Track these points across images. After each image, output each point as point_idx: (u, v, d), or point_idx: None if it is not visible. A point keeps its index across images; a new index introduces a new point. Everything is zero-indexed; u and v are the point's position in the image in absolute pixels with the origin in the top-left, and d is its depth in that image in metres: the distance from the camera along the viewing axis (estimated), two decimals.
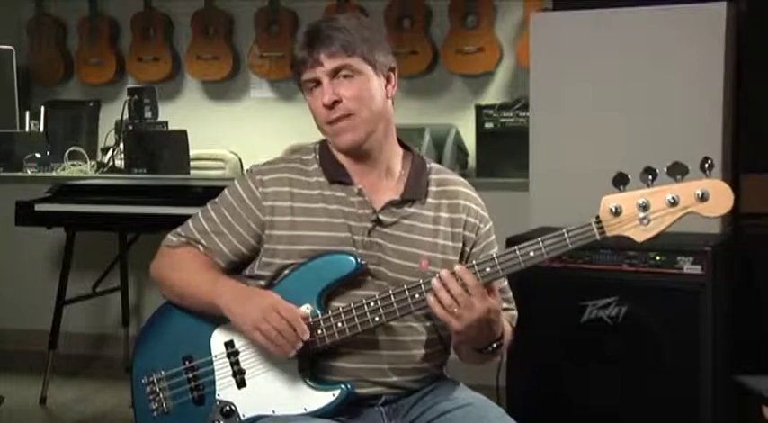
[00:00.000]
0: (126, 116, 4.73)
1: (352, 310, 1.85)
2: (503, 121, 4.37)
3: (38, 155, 4.79)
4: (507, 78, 4.90)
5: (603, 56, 3.22)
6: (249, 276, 1.99)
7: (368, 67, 1.91)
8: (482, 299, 1.78)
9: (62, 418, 3.89)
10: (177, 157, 4.69)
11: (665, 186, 1.71)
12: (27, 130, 5.23)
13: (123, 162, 4.73)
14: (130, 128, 4.73)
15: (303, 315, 1.84)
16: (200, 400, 1.95)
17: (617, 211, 1.73)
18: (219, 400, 1.93)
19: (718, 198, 1.69)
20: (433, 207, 1.98)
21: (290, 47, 4.89)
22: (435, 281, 1.78)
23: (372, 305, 1.84)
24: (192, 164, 4.78)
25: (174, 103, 5.46)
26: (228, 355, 1.94)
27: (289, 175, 1.97)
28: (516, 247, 1.79)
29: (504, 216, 2.50)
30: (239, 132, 5.31)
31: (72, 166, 4.83)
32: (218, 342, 1.95)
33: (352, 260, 1.87)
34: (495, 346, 1.89)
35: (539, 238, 1.78)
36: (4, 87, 5.14)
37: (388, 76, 1.96)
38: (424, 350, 1.95)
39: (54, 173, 4.74)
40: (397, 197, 1.96)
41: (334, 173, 1.96)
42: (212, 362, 1.95)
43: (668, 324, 2.76)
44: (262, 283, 1.95)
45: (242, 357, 1.93)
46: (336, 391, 1.87)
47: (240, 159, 5.01)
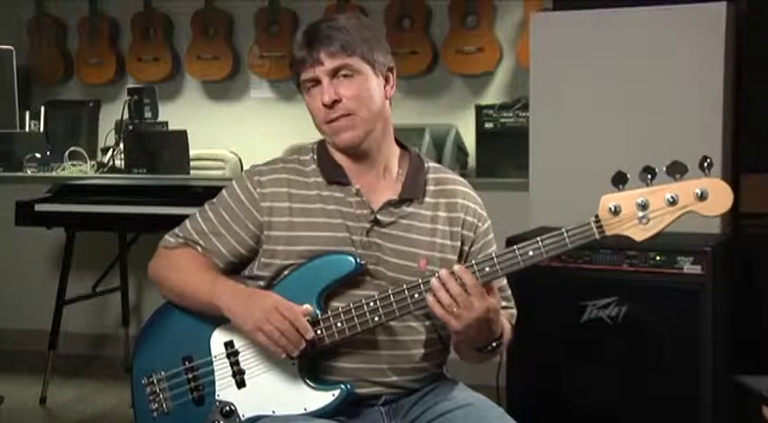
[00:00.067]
0: (126, 116, 4.73)
1: (352, 311, 1.85)
2: (503, 121, 4.37)
3: (38, 155, 4.79)
4: (507, 78, 4.90)
5: (603, 56, 3.22)
6: (249, 277, 1.98)
7: (367, 67, 1.91)
8: (481, 298, 1.77)
9: (62, 418, 3.88)
10: (177, 157, 4.68)
11: (664, 185, 1.71)
12: (27, 130, 5.23)
13: (123, 162, 4.73)
14: (130, 128, 4.73)
15: (304, 312, 1.84)
16: (199, 400, 1.95)
17: (616, 211, 1.73)
18: (219, 401, 1.93)
19: (718, 197, 1.69)
20: (432, 206, 1.97)
21: (289, 47, 4.89)
22: (434, 281, 1.78)
23: (372, 305, 1.84)
24: (192, 164, 4.78)
25: (174, 103, 5.45)
26: (228, 356, 1.94)
27: (287, 176, 1.97)
28: (515, 247, 1.79)
29: (504, 216, 2.50)
30: (239, 132, 5.31)
31: (72, 166, 4.83)
32: (217, 342, 1.95)
33: (352, 260, 1.87)
34: (495, 345, 1.89)
35: (538, 238, 1.77)
36: (4, 87, 5.13)
37: (387, 76, 1.96)
38: (424, 350, 1.95)
39: (54, 173, 4.73)
40: (395, 197, 1.95)
41: (332, 173, 1.96)
42: (212, 362, 1.94)
43: (668, 324, 2.76)
44: (261, 283, 1.95)
45: (242, 358, 1.93)
46: (336, 391, 1.87)
47: (240, 159, 5.01)
